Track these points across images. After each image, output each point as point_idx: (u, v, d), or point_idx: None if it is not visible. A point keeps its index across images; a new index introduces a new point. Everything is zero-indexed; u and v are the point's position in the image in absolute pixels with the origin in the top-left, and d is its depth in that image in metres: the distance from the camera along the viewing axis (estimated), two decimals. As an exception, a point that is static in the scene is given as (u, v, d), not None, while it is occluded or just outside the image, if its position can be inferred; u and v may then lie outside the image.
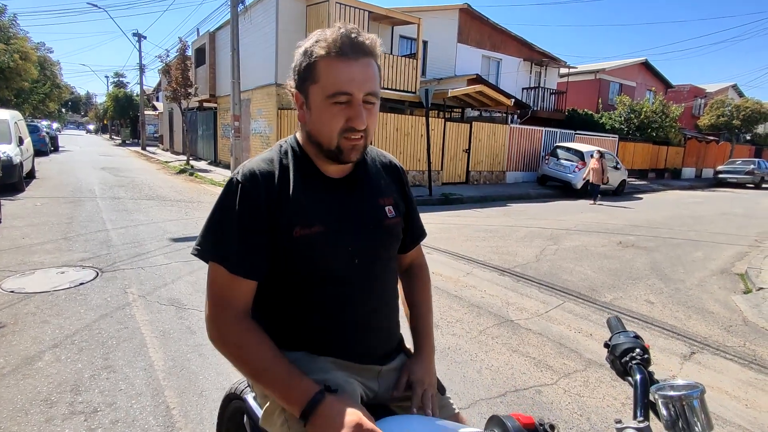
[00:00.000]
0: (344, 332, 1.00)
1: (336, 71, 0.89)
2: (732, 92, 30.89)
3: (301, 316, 0.99)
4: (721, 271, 5.66)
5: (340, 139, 0.93)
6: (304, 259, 0.96)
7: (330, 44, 0.90)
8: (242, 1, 12.06)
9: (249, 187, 0.94)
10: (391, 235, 1.08)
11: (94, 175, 12.32)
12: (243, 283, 0.93)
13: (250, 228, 0.93)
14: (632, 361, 0.82)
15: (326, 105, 0.91)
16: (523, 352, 3.12)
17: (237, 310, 0.93)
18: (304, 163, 1.00)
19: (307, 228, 0.95)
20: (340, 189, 1.02)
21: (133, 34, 26.27)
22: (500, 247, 6.25)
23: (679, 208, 12.02)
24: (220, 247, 0.93)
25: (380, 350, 1.08)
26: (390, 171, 1.15)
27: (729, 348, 3.39)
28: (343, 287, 1.00)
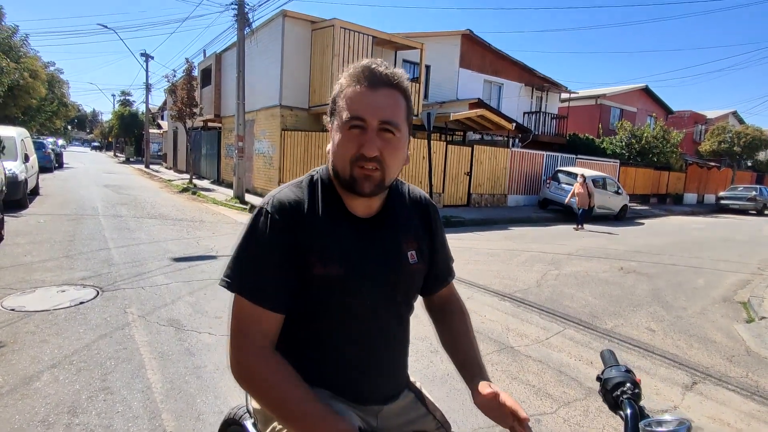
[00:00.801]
0: (347, 373, 0.99)
1: (352, 98, 0.91)
2: (732, 119, 31.22)
3: (305, 352, 0.99)
4: (724, 299, 5.63)
5: (353, 168, 0.92)
6: (319, 298, 0.95)
7: (352, 74, 0.93)
8: (249, 25, 12.38)
9: (279, 219, 0.92)
10: (409, 283, 1.06)
11: (97, 193, 12.42)
12: (270, 317, 0.91)
13: (279, 260, 0.91)
14: (623, 396, 0.84)
15: (342, 132, 0.92)
16: (523, 379, 3.10)
17: (263, 345, 0.90)
18: (332, 198, 0.99)
19: (327, 268, 0.93)
20: (365, 230, 1.00)
21: (141, 54, 26.84)
22: (501, 272, 6.25)
23: (681, 234, 12.02)
24: (247, 279, 0.91)
25: (383, 393, 1.07)
26: (420, 210, 1.12)
27: (731, 379, 3.36)
28: (353, 329, 0.99)
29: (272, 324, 0.92)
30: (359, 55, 12.51)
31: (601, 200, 14.03)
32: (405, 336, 1.12)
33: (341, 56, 12.12)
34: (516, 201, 16.10)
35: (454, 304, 1.20)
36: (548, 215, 13.86)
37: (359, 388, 0.99)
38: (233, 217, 9.81)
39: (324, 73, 12.37)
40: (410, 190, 1.14)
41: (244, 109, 12.29)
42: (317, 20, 12.69)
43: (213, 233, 7.75)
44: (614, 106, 25.31)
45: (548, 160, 16.98)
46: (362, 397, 1.01)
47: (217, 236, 7.49)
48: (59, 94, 29.35)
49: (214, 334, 3.47)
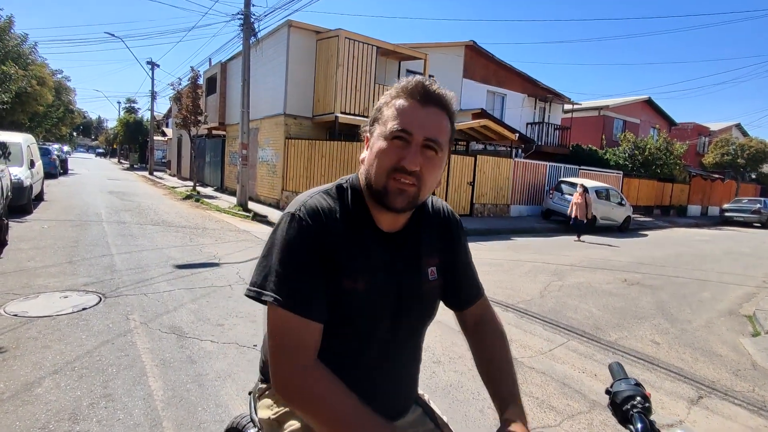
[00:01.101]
0: (361, 388, 0.93)
1: (401, 110, 0.90)
2: (736, 131, 31.24)
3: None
4: (729, 312, 5.59)
5: (388, 180, 0.90)
6: (341, 311, 0.92)
7: (402, 88, 0.92)
8: (255, 35, 12.51)
9: (312, 225, 0.89)
10: (426, 301, 1.04)
11: (101, 199, 12.48)
12: (315, 328, 0.87)
13: (317, 269, 0.89)
14: (633, 410, 0.83)
15: (384, 141, 0.90)
16: (527, 391, 3.07)
17: (312, 358, 0.86)
18: (360, 210, 0.97)
19: (354, 282, 0.92)
20: (390, 246, 0.98)
21: (147, 62, 27.17)
22: (504, 282, 6.22)
23: (685, 246, 11.97)
24: (291, 291, 0.86)
25: (395, 409, 1.06)
26: (444, 224, 1.10)
27: (737, 393, 3.32)
28: (369, 344, 0.98)
29: (318, 336, 0.88)
30: (363, 65, 12.61)
31: (604, 211, 14.01)
32: (419, 352, 1.12)
33: (345, 66, 12.22)
34: (519, 211, 16.08)
35: (489, 324, 1.13)
36: (551, 226, 13.84)
37: (371, 404, 0.95)
38: (236, 225, 9.82)
39: (328, 83, 12.47)
40: (433, 202, 1.12)
41: (248, 118, 12.37)
42: (322, 30, 12.82)
43: (216, 240, 7.75)
44: (617, 118, 25.38)
45: (551, 171, 16.98)
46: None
47: (220, 243, 7.50)
48: (66, 101, 29.62)
49: (216, 341, 3.45)
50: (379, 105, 0.95)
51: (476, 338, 1.12)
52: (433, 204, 1.11)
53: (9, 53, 15.59)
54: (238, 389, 2.75)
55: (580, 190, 11.45)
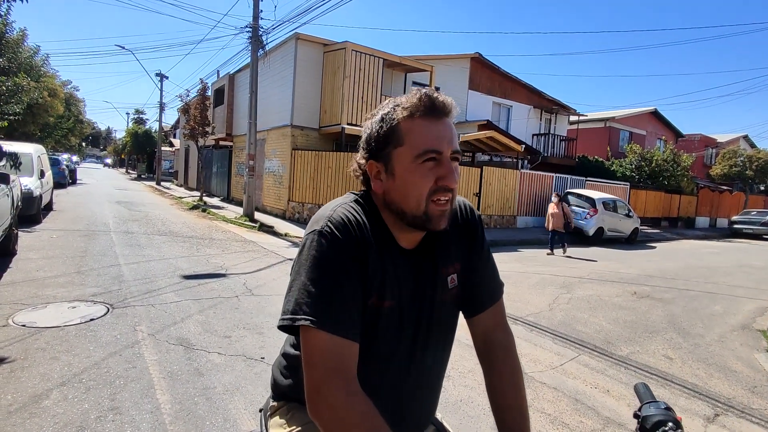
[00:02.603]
0: (383, 407, 0.86)
1: (425, 130, 0.87)
2: (744, 143, 31.08)
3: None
4: (742, 326, 5.49)
5: (429, 204, 0.88)
6: (366, 329, 0.89)
7: (413, 106, 0.88)
8: (262, 47, 12.65)
9: (343, 239, 0.86)
10: (446, 312, 1.02)
11: (109, 209, 12.56)
12: (354, 348, 0.83)
13: (352, 286, 0.85)
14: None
15: (415, 166, 0.87)
16: (538, 407, 3.01)
17: (355, 381, 0.81)
18: (381, 228, 0.94)
19: (381, 300, 0.90)
20: (411, 262, 0.96)
21: (156, 74, 27.51)
22: (512, 294, 6.16)
23: (694, 259, 11.83)
24: (322, 310, 0.82)
25: (413, 429, 1.03)
26: (464, 225, 1.06)
27: (755, 411, 3.24)
28: (392, 363, 0.95)
29: (356, 356, 0.84)
30: (370, 77, 12.71)
31: (612, 223, 13.91)
32: (442, 371, 1.08)
33: (352, 78, 12.31)
34: (525, 222, 16.01)
35: (500, 341, 1.05)
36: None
37: (392, 424, 0.90)
38: (243, 235, 9.84)
39: (335, 94, 12.56)
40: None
41: (255, 129, 12.46)
42: (329, 43, 12.95)
43: (223, 251, 7.76)
44: (623, 129, 25.34)
45: (558, 182, 16.92)
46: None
47: (227, 254, 7.50)
48: (75, 112, 30.08)
49: (224, 354, 3.43)
50: (388, 126, 0.89)
51: (486, 358, 1.05)
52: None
53: (22, 65, 15.85)
54: (246, 403, 2.72)
55: (555, 200, 10.65)
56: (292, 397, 1.04)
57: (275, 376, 1.11)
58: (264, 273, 6.30)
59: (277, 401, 1.10)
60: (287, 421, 1.03)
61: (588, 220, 13.37)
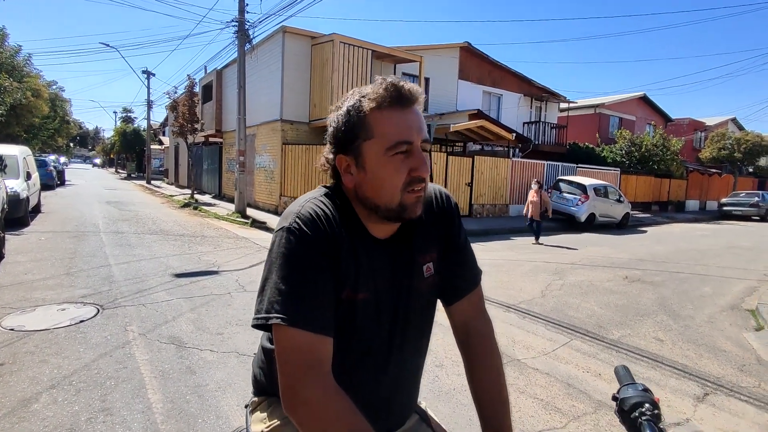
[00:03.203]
0: (361, 401, 0.85)
1: (394, 121, 0.85)
2: (732, 125, 31.29)
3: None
4: (731, 306, 5.56)
5: (404, 195, 0.86)
6: (341, 323, 0.88)
7: (380, 96, 0.86)
8: (249, 41, 12.50)
9: (312, 234, 0.84)
10: (424, 302, 1.00)
11: (98, 209, 12.43)
12: (327, 342, 0.82)
13: (322, 279, 0.83)
14: (642, 417, 0.79)
15: (387, 159, 0.85)
16: (531, 393, 3.03)
17: (328, 376, 0.80)
18: (353, 220, 0.92)
19: (355, 293, 0.89)
20: (386, 252, 0.94)
21: (142, 71, 27.14)
22: (505, 282, 6.19)
23: (684, 242, 11.95)
24: (294, 306, 0.80)
25: (394, 422, 1.02)
26: (439, 212, 1.04)
27: (743, 389, 3.28)
28: (368, 356, 0.94)
29: (330, 350, 0.82)
30: (359, 69, 12.61)
31: (603, 209, 14.00)
32: (421, 360, 1.07)
33: (341, 70, 12.22)
34: (518, 211, 16.05)
35: (479, 328, 1.04)
36: (550, 224, 13.78)
37: (371, 418, 0.87)
38: (235, 232, 9.79)
39: (324, 87, 12.46)
40: (428, 190, 1.04)
41: (245, 124, 12.35)
42: (317, 35, 12.82)
43: (215, 248, 7.71)
44: (613, 115, 25.42)
45: (549, 170, 16.98)
46: (373, 427, 0.88)
47: (219, 251, 7.46)
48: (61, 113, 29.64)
49: (216, 351, 3.42)
50: (355, 119, 0.87)
51: (466, 348, 1.04)
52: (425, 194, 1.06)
53: (3, 65, 15.56)
54: (239, 399, 2.71)
55: (535, 188, 10.39)
56: (271, 391, 1.03)
57: (254, 371, 1.10)
58: (257, 269, 6.28)
59: (257, 396, 1.09)
60: (268, 416, 1.02)
61: (579, 206, 13.44)
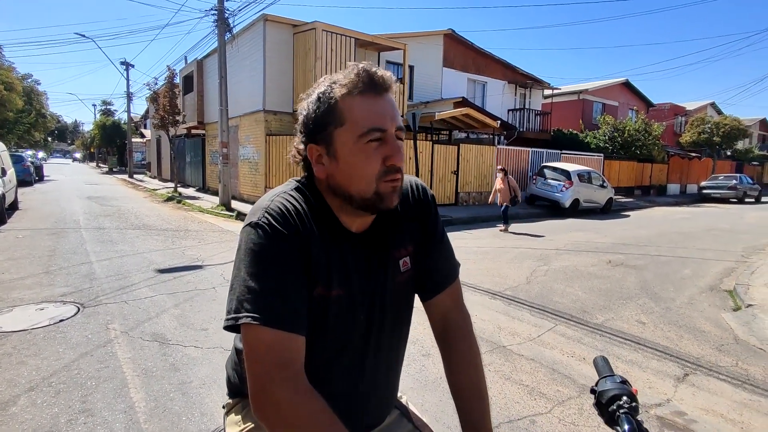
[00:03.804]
0: (338, 401, 0.85)
1: (366, 107, 0.82)
2: (711, 110, 31.82)
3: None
4: (710, 288, 5.69)
5: (379, 184, 0.84)
6: (313, 321, 0.85)
7: (351, 82, 0.82)
8: (230, 30, 12.24)
9: (282, 230, 0.81)
10: (401, 297, 0.98)
11: (79, 205, 12.16)
12: (299, 342, 0.79)
13: (293, 275, 0.81)
14: (620, 410, 0.79)
15: (359, 147, 0.82)
16: (516, 379, 3.07)
17: (302, 376, 0.78)
18: (325, 214, 0.89)
19: (328, 290, 0.86)
20: (360, 246, 0.92)
21: (120, 62, 26.47)
22: (491, 269, 6.23)
23: (666, 225, 12.16)
24: (263, 305, 0.77)
25: (374, 419, 1.01)
26: (415, 204, 1.01)
27: (722, 368, 3.37)
28: (345, 352, 0.92)
29: (302, 350, 0.80)
30: (342, 58, 12.45)
31: (587, 194, 14.17)
32: (400, 357, 1.05)
33: (324, 59, 12.05)
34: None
35: (457, 322, 1.03)
36: (535, 211, 13.93)
37: (349, 416, 0.87)
38: (220, 225, 9.67)
39: (307, 77, 12.28)
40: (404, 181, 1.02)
41: (227, 115, 12.15)
42: (299, 23, 12.60)
43: (199, 242, 7.61)
44: (596, 101, 25.61)
45: (534, 157, 17.08)
46: (351, 424, 0.86)
47: (204, 245, 7.36)
48: (37, 106, 28.83)
49: (200, 347, 3.38)
50: (326, 106, 0.84)
51: (445, 346, 1.02)
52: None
53: (-28, 58, 15.01)
54: (224, 395, 2.67)
55: (501, 175, 10.19)
56: (245, 393, 1.01)
57: (228, 373, 1.07)
58: (241, 262, 6.21)
59: (232, 398, 1.06)
60: (242, 418, 1.00)
61: (564, 192, 13.57)
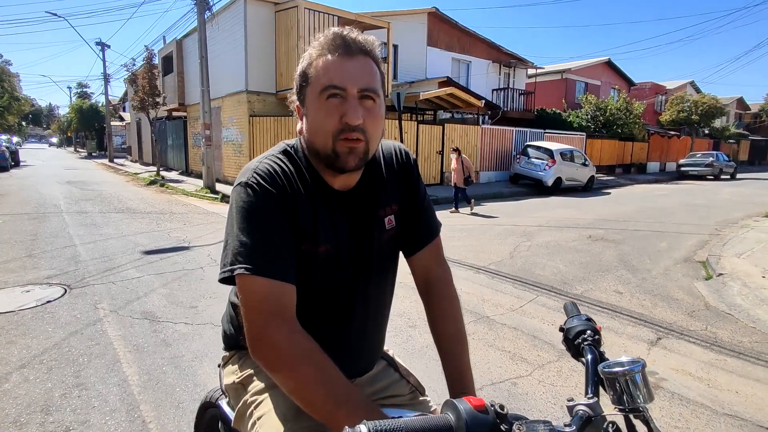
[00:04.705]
0: (327, 349, 0.86)
1: (328, 67, 0.86)
2: (690, 89, 32.27)
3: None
4: (685, 259, 5.91)
5: (336, 142, 0.86)
6: (303, 273, 0.91)
7: (323, 43, 0.88)
8: (209, 8, 11.93)
9: (270, 188, 0.87)
10: (385, 253, 1.04)
11: (58, 190, 11.92)
12: (290, 290, 0.85)
13: (282, 229, 0.86)
14: (584, 343, 0.87)
15: (319, 103, 0.86)
16: (499, 346, 3.20)
17: (293, 320, 0.84)
18: (311, 173, 0.94)
19: (315, 246, 0.91)
20: (347, 206, 0.97)
21: (96, 43, 25.55)
22: (475, 246, 6.36)
23: (645, 201, 12.46)
24: (257, 256, 0.83)
25: (360, 368, 1.08)
26: (400, 168, 1.07)
27: (692, 332, 3.55)
28: (333, 305, 0.98)
29: (294, 297, 0.86)
30: (324, 36, 12.25)
31: (569, 173, 14.38)
32: (386, 309, 1.11)
33: (306, 38, 11.83)
34: (488, 177, 16.31)
35: (438, 276, 1.10)
36: (519, 189, 14.12)
37: (339, 362, 0.88)
38: (205, 207, 9.60)
39: (290, 56, 12.10)
40: (383, 148, 1.07)
41: (209, 96, 11.93)
42: (280, 1, 12.33)
43: (184, 224, 7.57)
44: (579, 80, 25.74)
45: (517, 136, 17.20)
46: (341, 370, 0.91)
47: (189, 227, 7.33)
48: (9, 88, 27.82)
49: (191, 323, 3.43)
50: (302, 69, 0.90)
51: (428, 301, 1.09)
52: (383, 150, 1.07)
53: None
54: (216, 367, 2.74)
55: (454, 155, 9.88)
56: (242, 345, 1.07)
57: (224, 327, 1.13)
58: (228, 243, 6.22)
59: (228, 351, 1.13)
60: (239, 367, 1.06)
61: (547, 171, 13.75)
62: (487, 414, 0.58)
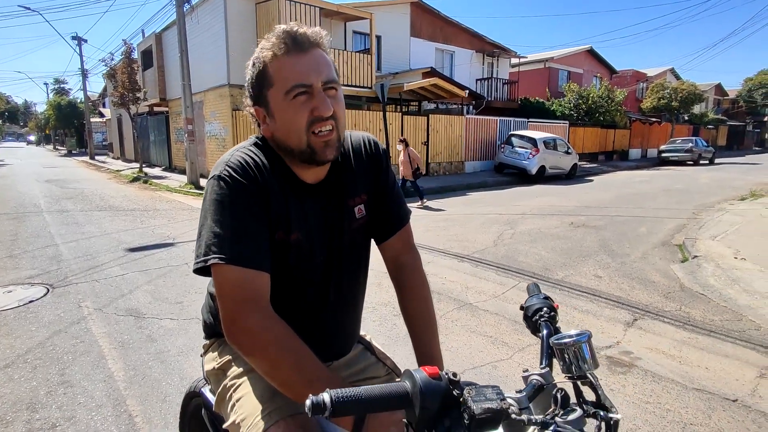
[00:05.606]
0: (302, 334, 0.90)
1: (288, 67, 0.88)
2: (670, 75, 32.69)
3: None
4: (662, 243, 6.07)
5: (310, 136, 0.90)
6: (278, 261, 0.94)
7: (273, 45, 0.89)
8: (188, 1, 11.72)
9: (243, 180, 0.89)
10: (356, 241, 1.08)
11: (38, 188, 11.70)
12: (264, 278, 0.88)
13: (255, 219, 0.89)
14: (540, 319, 0.94)
15: (287, 103, 0.89)
16: (481, 332, 3.28)
17: (269, 307, 0.88)
18: (281, 166, 0.97)
19: (288, 234, 0.95)
20: (317, 196, 1.01)
21: (72, 37, 24.96)
22: (459, 235, 6.45)
23: (626, 188, 12.69)
24: (230, 246, 0.86)
25: (336, 352, 1.12)
26: (369, 158, 1.10)
27: (667, 312, 3.68)
28: (306, 293, 1.02)
29: (267, 285, 0.89)
30: (306, 28, 12.15)
31: (553, 161, 14.55)
32: (359, 295, 1.15)
33: (287, 30, 11.73)
34: (473, 167, 16.43)
35: (408, 261, 1.14)
36: (504, 179, 14.26)
37: (314, 346, 0.91)
38: (189, 204, 9.53)
39: (271, 49, 11.96)
40: (351, 138, 1.10)
41: (190, 91, 11.77)
42: (259, -8, 12.17)
43: (168, 221, 7.52)
44: (562, 69, 25.92)
45: (502, 125, 17.32)
46: (316, 354, 0.92)
47: (173, 223, 7.28)
48: (-18, 86, 27.03)
49: (176, 319, 3.44)
50: (256, 73, 0.92)
51: (398, 285, 1.14)
52: (353, 141, 1.10)
53: None
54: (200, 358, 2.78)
55: (401, 147, 9.38)
56: (220, 333, 1.10)
57: (204, 317, 1.17)
58: (213, 239, 6.20)
59: (208, 339, 1.16)
60: (218, 354, 1.10)
61: (530, 159, 13.90)
62: (441, 381, 0.63)
